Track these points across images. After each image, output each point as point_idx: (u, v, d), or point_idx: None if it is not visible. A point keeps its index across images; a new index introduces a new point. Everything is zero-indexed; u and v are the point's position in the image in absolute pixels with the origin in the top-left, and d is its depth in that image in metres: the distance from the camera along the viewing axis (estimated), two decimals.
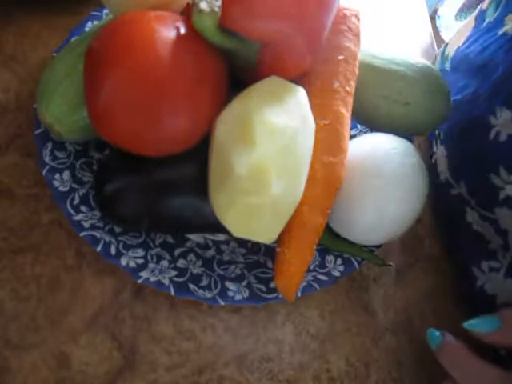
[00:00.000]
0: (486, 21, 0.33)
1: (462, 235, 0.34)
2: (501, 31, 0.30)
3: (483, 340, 0.24)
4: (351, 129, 0.30)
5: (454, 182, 0.33)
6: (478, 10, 0.36)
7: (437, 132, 0.37)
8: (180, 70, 0.23)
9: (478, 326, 0.24)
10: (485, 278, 0.31)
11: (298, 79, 0.28)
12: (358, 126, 0.37)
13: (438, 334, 0.25)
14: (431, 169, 0.38)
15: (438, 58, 0.41)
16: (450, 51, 0.38)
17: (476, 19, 0.35)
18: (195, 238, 0.31)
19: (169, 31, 0.23)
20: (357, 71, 0.29)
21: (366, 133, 0.36)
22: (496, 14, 0.32)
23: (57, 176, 0.28)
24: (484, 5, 0.35)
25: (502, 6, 0.31)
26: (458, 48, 0.36)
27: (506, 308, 0.24)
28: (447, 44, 0.40)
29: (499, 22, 0.31)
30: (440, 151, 0.36)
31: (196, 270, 0.29)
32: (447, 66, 0.38)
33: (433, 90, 0.31)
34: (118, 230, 0.29)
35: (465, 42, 0.35)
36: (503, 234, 0.29)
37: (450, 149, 0.34)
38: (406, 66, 0.31)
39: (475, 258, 0.32)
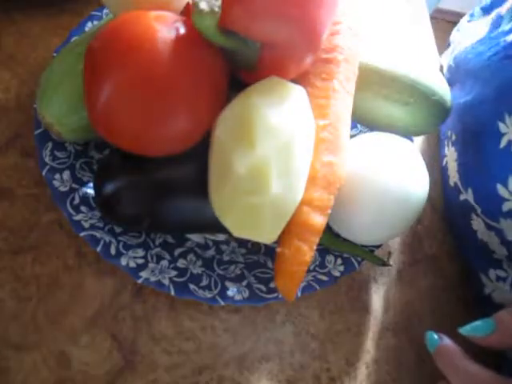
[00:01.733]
0: (501, 28, 0.33)
1: (468, 241, 0.33)
2: (508, 38, 0.30)
3: (480, 344, 0.24)
4: (351, 129, 0.30)
5: (463, 188, 0.33)
6: (495, 15, 0.35)
7: (449, 133, 0.37)
8: (180, 70, 0.23)
9: (473, 331, 0.24)
10: (492, 286, 0.31)
11: (298, 79, 0.28)
12: (358, 126, 0.37)
13: (435, 336, 0.25)
14: (442, 171, 0.37)
15: (448, 57, 0.40)
16: (458, 50, 0.37)
17: (491, 24, 0.35)
18: (195, 238, 0.31)
19: (169, 31, 0.23)
20: (357, 71, 0.29)
21: (365, 133, 0.36)
22: (510, 23, 0.31)
23: (57, 176, 0.28)
24: (502, 10, 0.34)
25: None
26: (466, 48, 0.36)
27: (500, 310, 0.24)
28: (455, 42, 0.39)
29: (510, 31, 0.30)
30: (451, 154, 0.36)
31: (196, 270, 0.29)
32: (452, 64, 0.38)
33: (433, 90, 0.31)
34: (118, 230, 0.29)
35: (473, 44, 0.35)
36: (508, 244, 0.29)
37: (460, 152, 0.34)
38: (405, 65, 0.31)
39: (482, 266, 0.32)
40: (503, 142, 0.28)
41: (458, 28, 0.43)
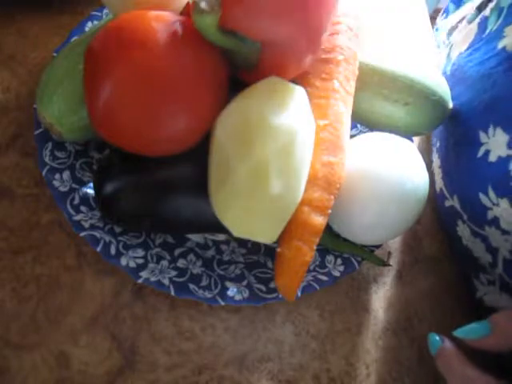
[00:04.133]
0: (488, 29, 0.33)
1: (456, 246, 0.34)
2: (500, 45, 0.30)
3: (475, 346, 0.24)
4: (351, 129, 0.30)
5: (448, 195, 0.33)
6: (480, 16, 0.35)
7: (434, 139, 0.37)
8: (180, 70, 0.23)
9: (467, 333, 0.24)
10: (484, 289, 0.31)
11: (298, 79, 0.28)
12: (358, 126, 0.37)
13: (437, 338, 0.25)
14: (430, 176, 0.37)
15: (444, 59, 0.40)
16: (454, 55, 0.38)
17: (479, 26, 0.35)
18: (195, 238, 0.31)
19: (169, 31, 0.23)
20: (357, 71, 0.29)
21: (365, 133, 0.36)
22: (498, 22, 0.31)
23: (57, 176, 0.28)
24: (486, 11, 0.34)
25: (503, 14, 0.31)
26: (461, 54, 0.36)
27: (496, 313, 0.24)
28: (452, 45, 0.40)
29: (499, 32, 0.30)
30: (435, 160, 0.36)
31: (196, 270, 0.29)
32: (448, 68, 0.38)
33: (433, 90, 0.31)
34: (118, 230, 0.29)
35: (467, 49, 0.35)
36: (494, 251, 0.29)
37: (444, 159, 0.34)
38: (405, 65, 0.31)
39: (472, 270, 0.32)
40: (481, 152, 0.29)
41: (436, 28, 0.43)
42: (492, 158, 0.28)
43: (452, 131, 0.33)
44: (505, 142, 0.27)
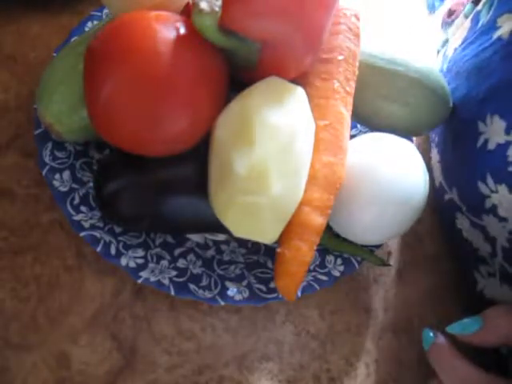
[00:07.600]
0: (480, 22, 0.33)
1: (456, 240, 0.34)
2: (495, 34, 0.30)
3: (468, 342, 0.24)
4: (351, 129, 0.30)
5: (447, 188, 0.33)
6: (474, 11, 0.36)
7: (433, 135, 0.37)
8: (180, 70, 0.23)
9: (459, 329, 0.24)
10: (484, 282, 0.32)
11: (298, 79, 0.28)
12: (358, 126, 0.37)
13: (431, 334, 0.25)
14: (429, 173, 0.38)
15: (440, 57, 0.41)
16: (450, 52, 0.38)
17: (472, 20, 0.35)
18: (195, 238, 0.31)
19: (169, 31, 0.23)
20: (357, 71, 0.29)
21: (365, 133, 0.36)
22: (489, 14, 0.32)
23: (57, 176, 0.28)
24: (479, 6, 0.35)
25: (494, 6, 0.31)
26: (456, 50, 0.36)
27: (488, 309, 0.25)
28: (448, 42, 0.40)
29: (492, 23, 0.31)
30: (434, 155, 0.36)
31: (196, 270, 0.29)
32: (445, 66, 0.38)
33: (433, 90, 0.31)
34: (118, 230, 0.29)
35: (462, 44, 0.35)
36: (492, 241, 0.29)
37: (442, 153, 0.34)
38: (406, 65, 0.31)
39: (473, 263, 0.33)
40: (480, 141, 0.29)
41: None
42: (491, 146, 0.28)
43: (450, 125, 0.33)
44: (502, 128, 0.27)
